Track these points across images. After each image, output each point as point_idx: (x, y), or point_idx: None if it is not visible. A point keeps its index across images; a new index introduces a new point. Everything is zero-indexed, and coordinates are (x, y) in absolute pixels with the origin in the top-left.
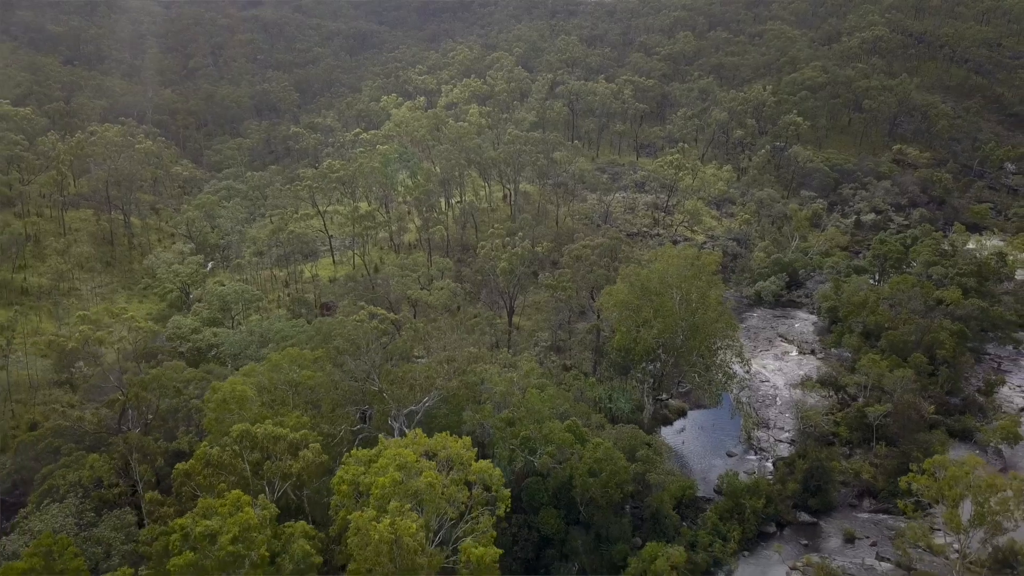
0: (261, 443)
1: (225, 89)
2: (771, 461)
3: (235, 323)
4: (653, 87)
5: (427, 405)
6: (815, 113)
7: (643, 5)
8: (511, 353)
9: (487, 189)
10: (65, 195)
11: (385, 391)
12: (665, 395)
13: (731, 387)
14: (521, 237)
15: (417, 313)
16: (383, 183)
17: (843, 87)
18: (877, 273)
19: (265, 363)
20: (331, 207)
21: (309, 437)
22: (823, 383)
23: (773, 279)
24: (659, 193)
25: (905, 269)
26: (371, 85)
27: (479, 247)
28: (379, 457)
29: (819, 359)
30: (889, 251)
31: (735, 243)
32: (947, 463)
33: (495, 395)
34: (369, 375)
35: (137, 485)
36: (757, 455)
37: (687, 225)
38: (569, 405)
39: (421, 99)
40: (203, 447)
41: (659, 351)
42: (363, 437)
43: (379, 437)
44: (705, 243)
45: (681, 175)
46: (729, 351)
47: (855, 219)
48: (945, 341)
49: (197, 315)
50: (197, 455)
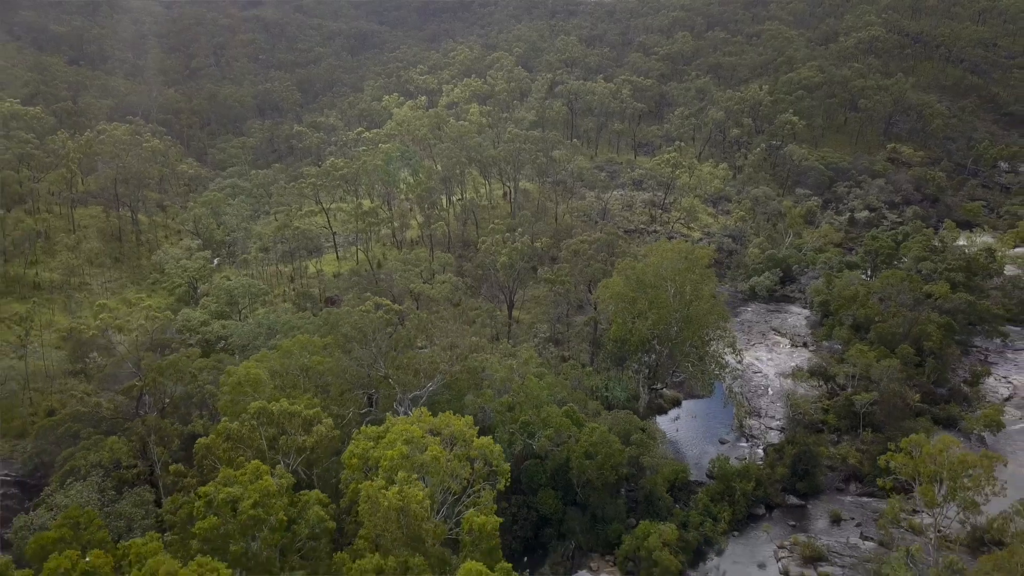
0: (277, 419)
1: (228, 89)
2: (762, 448)
3: (242, 316)
4: (651, 87)
5: (431, 390)
6: (811, 112)
7: (642, 5)
8: (511, 344)
9: (487, 187)
10: (74, 192)
11: (391, 376)
12: (660, 385)
13: (724, 377)
14: (521, 233)
15: (420, 306)
16: (385, 181)
17: (839, 87)
18: (869, 268)
19: (277, 350)
20: (334, 204)
21: (321, 415)
22: (813, 373)
23: (767, 274)
24: (656, 191)
25: (896, 264)
26: (373, 85)
27: (480, 242)
28: (387, 433)
29: (811, 351)
30: (880, 247)
31: (731, 240)
32: (923, 442)
33: (495, 381)
34: (375, 361)
35: (154, 466)
36: (749, 442)
37: (684, 222)
38: (567, 393)
39: (422, 99)
40: (224, 423)
41: (654, 342)
42: (370, 420)
43: (387, 415)
44: (701, 240)
45: (678, 173)
46: (722, 341)
47: (849, 216)
48: (932, 333)
49: (205, 308)
50: (218, 430)
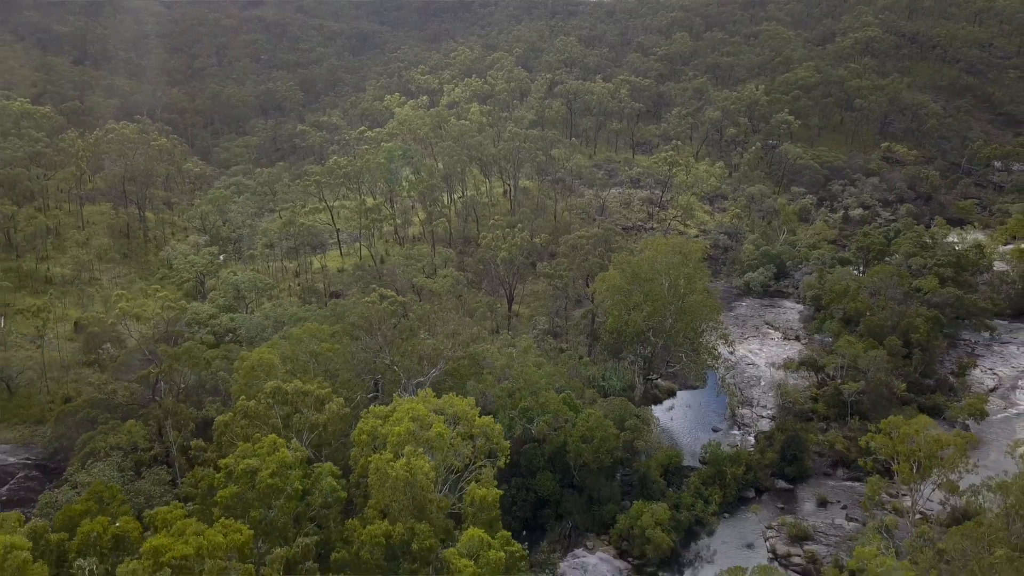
0: (291, 398)
1: (231, 89)
2: (753, 435)
3: (249, 310)
4: (649, 87)
5: (434, 376)
6: (807, 112)
7: (641, 6)
8: (511, 336)
9: (488, 185)
10: (83, 190)
11: (396, 363)
12: (655, 375)
13: (718, 367)
14: (520, 229)
15: (422, 300)
16: (388, 179)
17: (835, 86)
18: (861, 264)
19: (287, 338)
20: (338, 202)
21: (331, 395)
22: (804, 364)
23: (761, 270)
24: (654, 189)
25: (887, 260)
26: (375, 84)
27: (480, 239)
28: (394, 412)
29: (803, 344)
30: (872, 243)
31: (726, 236)
32: (901, 423)
33: (496, 369)
34: (381, 349)
35: (170, 448)
36: (740, 430)
37: (680, 219)
38: (564, 381)
39: (423, 98)
40: (241, 401)
41: (649, 333)
42: (377, 404)
43: (394, 396)
44: (697, 236)
45: (675, 171)
46: (715, 332)
47: (843, 214)
48: (920, 326)
49: (213, 302)
50: (236, 408)
